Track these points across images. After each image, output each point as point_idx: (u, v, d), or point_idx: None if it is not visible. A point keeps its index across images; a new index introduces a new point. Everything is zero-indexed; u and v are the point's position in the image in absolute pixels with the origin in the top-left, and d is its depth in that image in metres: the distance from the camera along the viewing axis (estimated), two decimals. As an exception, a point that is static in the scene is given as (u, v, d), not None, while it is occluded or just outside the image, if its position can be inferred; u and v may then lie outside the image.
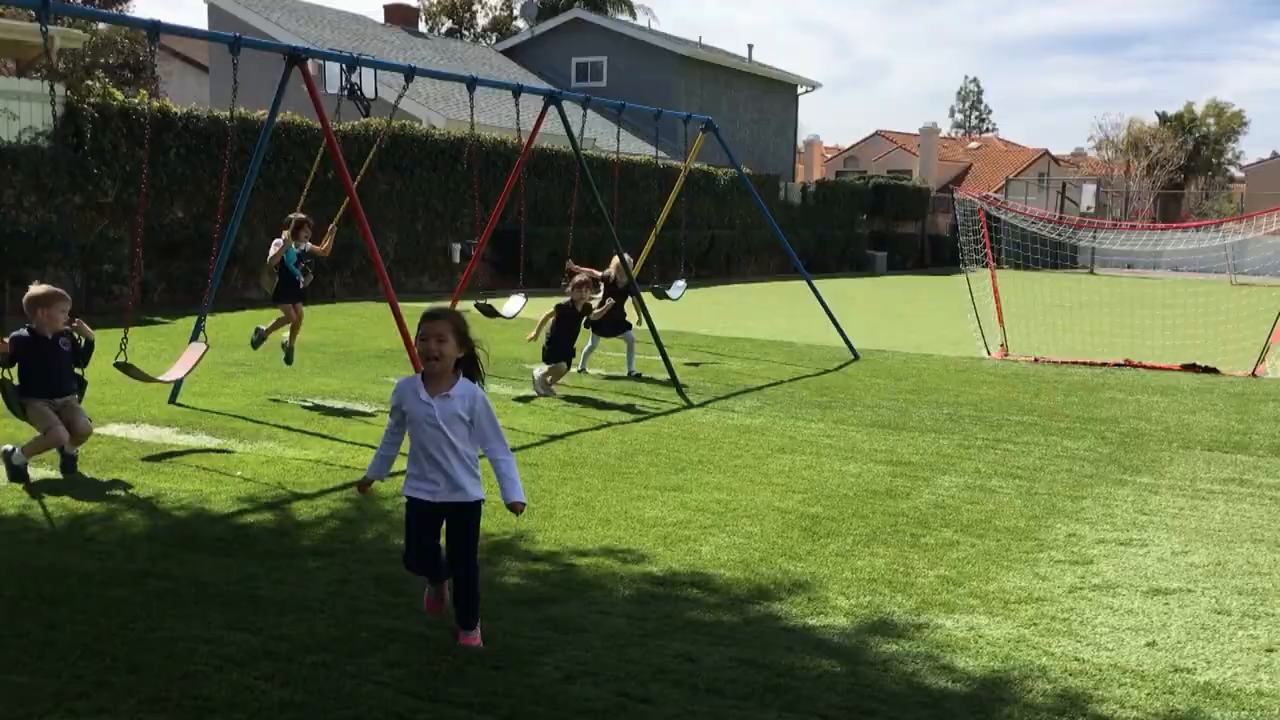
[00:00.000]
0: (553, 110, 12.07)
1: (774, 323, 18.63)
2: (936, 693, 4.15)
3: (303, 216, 10.52)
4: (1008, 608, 5.08)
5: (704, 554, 5.76)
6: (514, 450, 8.19)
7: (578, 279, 11.34)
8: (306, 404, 9.61)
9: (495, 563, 5.50)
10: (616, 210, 14.93)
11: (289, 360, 10.78)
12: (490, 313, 12.19)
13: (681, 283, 15.72)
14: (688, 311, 18.40)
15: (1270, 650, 4.65)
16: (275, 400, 9.73)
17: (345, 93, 13.40)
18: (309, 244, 10.55)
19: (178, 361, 8.68)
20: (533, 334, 11.14)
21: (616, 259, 12.21)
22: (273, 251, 10.27)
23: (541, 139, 18.14)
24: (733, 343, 15.51)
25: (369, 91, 23.78)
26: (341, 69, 11.75)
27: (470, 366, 4.44)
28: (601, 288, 12.10)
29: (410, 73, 10.25)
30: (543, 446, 8.29)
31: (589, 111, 12.98)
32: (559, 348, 10.89)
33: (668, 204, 16.06)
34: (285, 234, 10.23)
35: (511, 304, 12.42)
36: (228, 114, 18.26)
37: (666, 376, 11.43)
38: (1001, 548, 6.04)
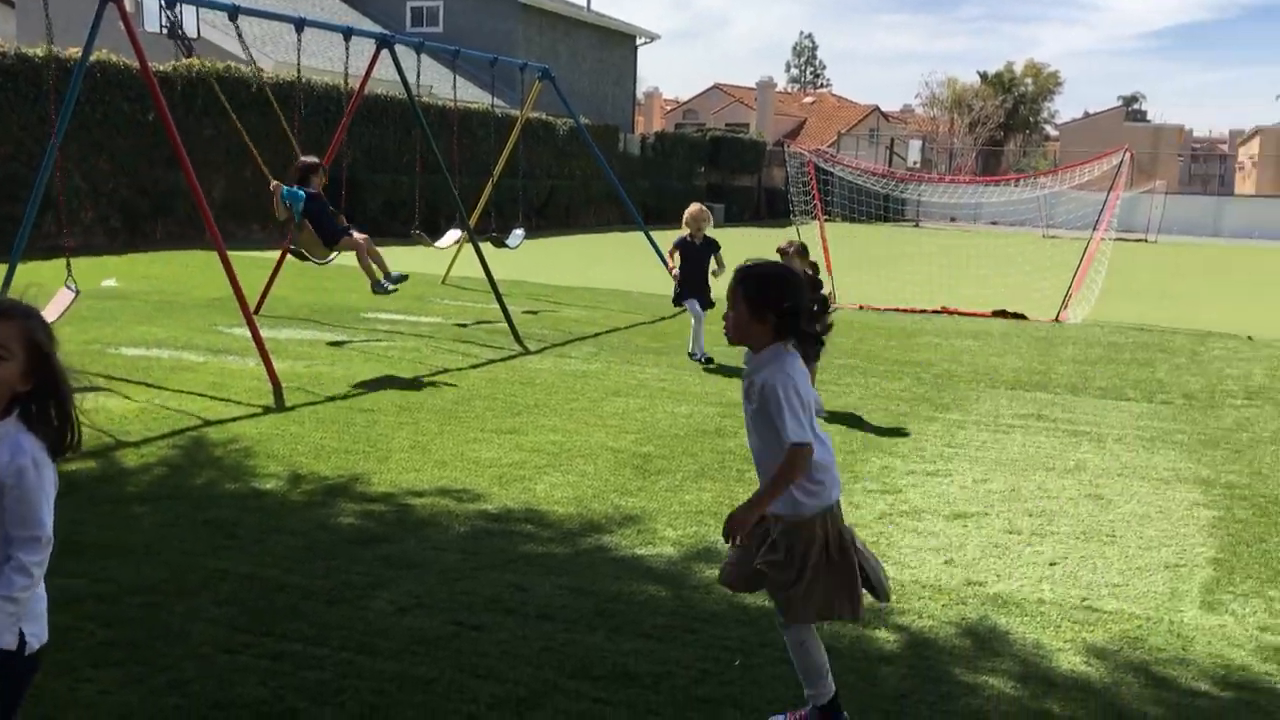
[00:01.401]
0: (386, 55, 11.88)
1: (612, 272, 18.84)
2: (754, 611, 4.42)
3: (313, 160, 10.40)
4: (823, 534, 5.40)
5: (538, 492, 5.91)
6: (349, 396, 8.24)
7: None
8: (130, 353, 9.33)
9: (330, 505, 5.54)
10: (456, 159, 14.78)
11: (385, 287, 10.57)
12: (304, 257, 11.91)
13: (520, 232, 15.72)
14: (527, 261, 18.43)
15: (1053, 564, 5.10)
16: (96, 348, 9.40)
17: (165, 31, 12.87)
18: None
19: (46, 308, 8.29)
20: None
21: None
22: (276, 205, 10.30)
23: (375, 85, 17.78)
24: (571, 292, 15.64)
25: (190, 30, 22.86)
26: (161, 6, 11.32)
27: (42, 403, 2.53)
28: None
29: (234, 11, 9.94)
30: (379, 391, 8.29)
31: (424, 58, 12.80)
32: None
33: (505, 153, 16.01)
34: (274, 183, 10.22)
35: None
36: (37, 51, 17.27)
37: (504, 323, 11.50)
38: (820, 480, 6.38)
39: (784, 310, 3.35)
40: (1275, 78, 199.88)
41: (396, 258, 11.60)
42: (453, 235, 13.68)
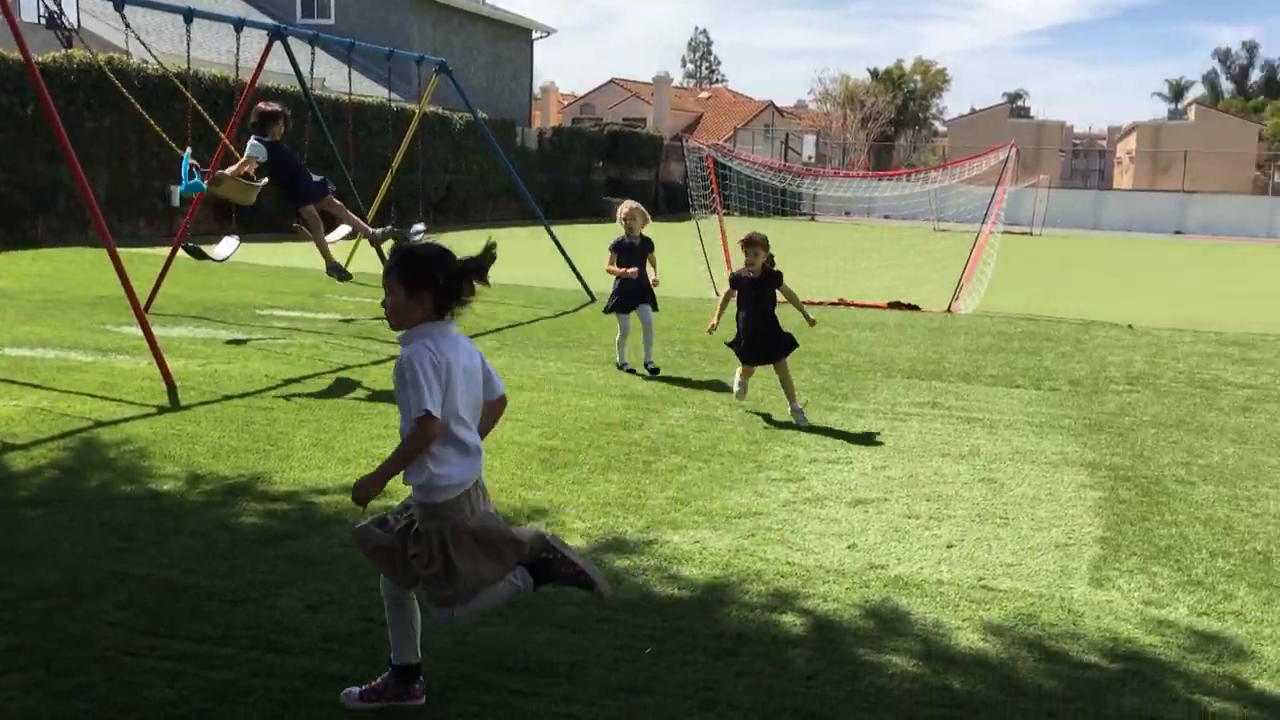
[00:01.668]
0: (278, 47, 11.65)
1: (513, 267, 18.75)
2: (665, 599, 4.48)
3: (274, 108, 10.09)
4: (729, 522, 5.50)
5: (445, 487, 5.88)
6: (247, 395, 8.08)
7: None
8: (12, 353, 9.00)
9: (231, 504, 5.44)
10: (351, 153, 14.57)
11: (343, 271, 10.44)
12: (199, 255, 11.61)
13: (420, 226, 15.49)
14: (425, 256, 18.23)
15: (950, 546, 5.27)
16: (-23, 351, 9.05)
17: (43, 21, 12.42)
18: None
19: None
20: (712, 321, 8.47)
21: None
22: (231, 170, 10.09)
23: (266, 77, 17.42)
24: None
25: (71, 20, 22.06)
26: (41, -6, 10.92)
27: None
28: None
29: (120, 1, 9.65)
30: (278, 389, 8.14)
31: (315, 50, 12.58)
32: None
33: (402, 147, 15.83)
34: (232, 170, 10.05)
35: (223, 246, 11.98)
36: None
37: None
38: (725, 470, 6.48)
39: (439, 287, 3.41)
40: (1150, 76, 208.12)
41: (285, 253, 11.38)
42: (341, 231, 13.24)
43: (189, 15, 10.48)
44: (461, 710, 3.51)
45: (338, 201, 10.15)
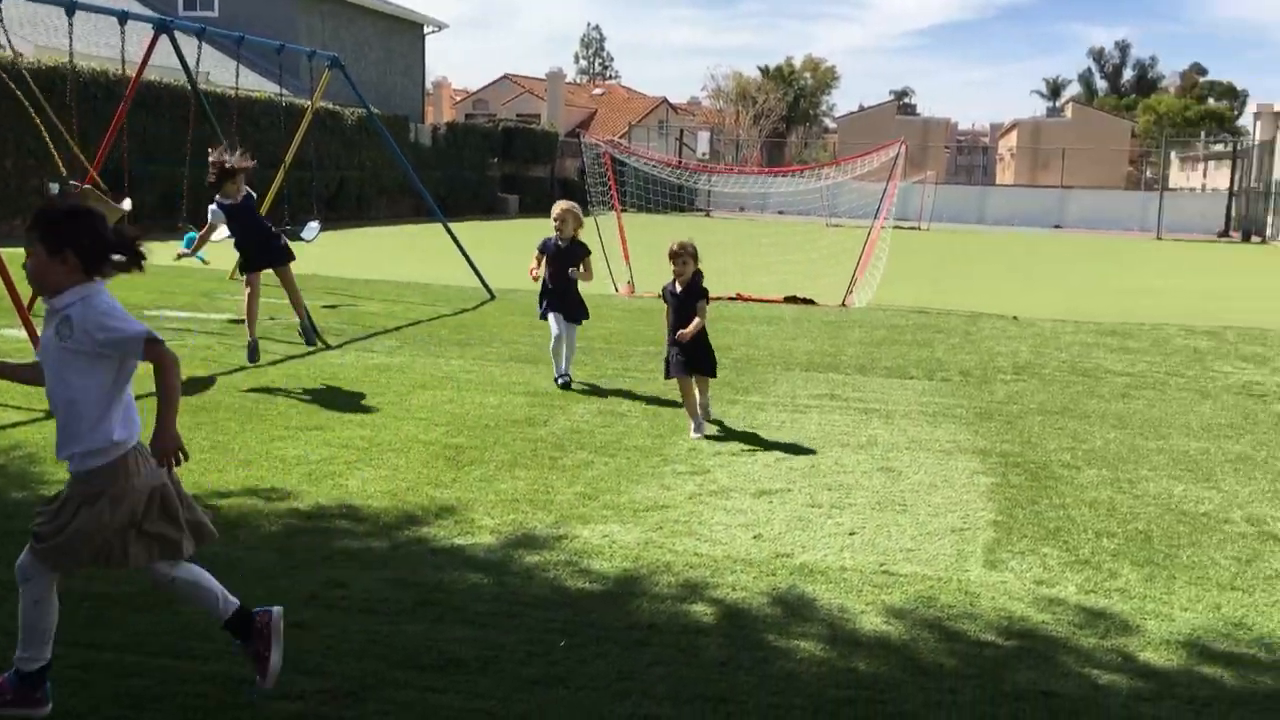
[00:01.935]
0: (163, 41, 11.35)
1: (410, 265, 18.58)
2: (576, 592, 4.52)
3: (238, 165, 8.97)
4: (637, 515, 5.57)
5: (350, 487, 5.84)
6: (139, 398, 7.82)
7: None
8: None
9: (129, 510, 5.31)
10: (239, 150, 14.25)
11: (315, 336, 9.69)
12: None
13: (315, 224, 15.30)
14: (321, 254, 17.94)
15: (852, 534, 5.41)
16: None
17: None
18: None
19: None
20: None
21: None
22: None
23: (146, 71, 16.93)
24: (369, 285, 15.36)
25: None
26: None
27: None
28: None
29: (-4, -9, 9.29)
30: (171, 393, 7.95)
31: (198, 43, 12.27)
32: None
33: (294, 144, 15.54)
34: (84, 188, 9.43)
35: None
36: None
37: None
38: (631, 464, 6.55)
39: (82, 245, 3.29)
40: (1029, 74, 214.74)
41: (173, 252, 11.11)
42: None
43: (71, 7, 10.15)
44: (375, 709, 3.51)
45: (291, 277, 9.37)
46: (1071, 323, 13.96)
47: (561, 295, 8.84)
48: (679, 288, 7.56)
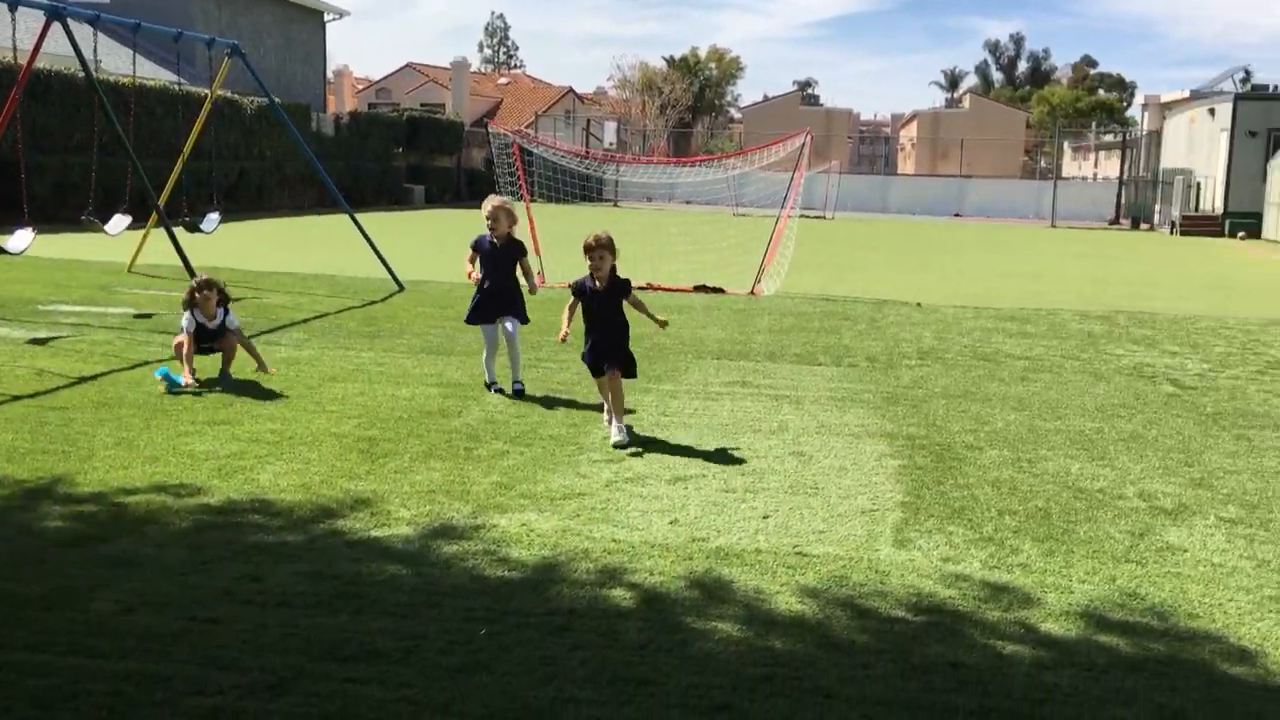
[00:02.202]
0: (56, 28, 11.01)
1: (315, 256, 18.30)
2: (496, 581, 4.54)
3: (212, 286, 8.18)
4: (554, 503, 5.60)
5: (262, 482, 5.77)
6: (38, 394, 7.64)
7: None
8: None
9: (32, 509, 5.19)
10: (134, 139, 13.88)
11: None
12: None
13: (215, 215, 14.99)
14: (222, 246, 17.58)
15: (766, 517, 5.52)
16: None
17: None
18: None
19: None
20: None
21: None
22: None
23: (39, 59, 16.37)
24: (273, 277, 15.09)
25: None
26: None
27: None
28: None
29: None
30: (73, 388, 7.75)
31: (91, 30, 11.93)
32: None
33: (193, 133, 15.19)
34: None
35: (16, 239, 11.29)
36: None
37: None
38: (547, 453, 6.57)
39: None
40: (927, 66, 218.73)
41: (70, 245, 10.80)
42: (123, 221, 12.67)
43: (-45, -9, 9.78)
44: (296, 703, 3.49)
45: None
46: (972, 309, 14.33)
47: (500, 295, 8.28)
48: (598, 284, 7.14)
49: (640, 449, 6.70)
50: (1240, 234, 33.72)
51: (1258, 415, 8.30)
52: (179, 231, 12.67)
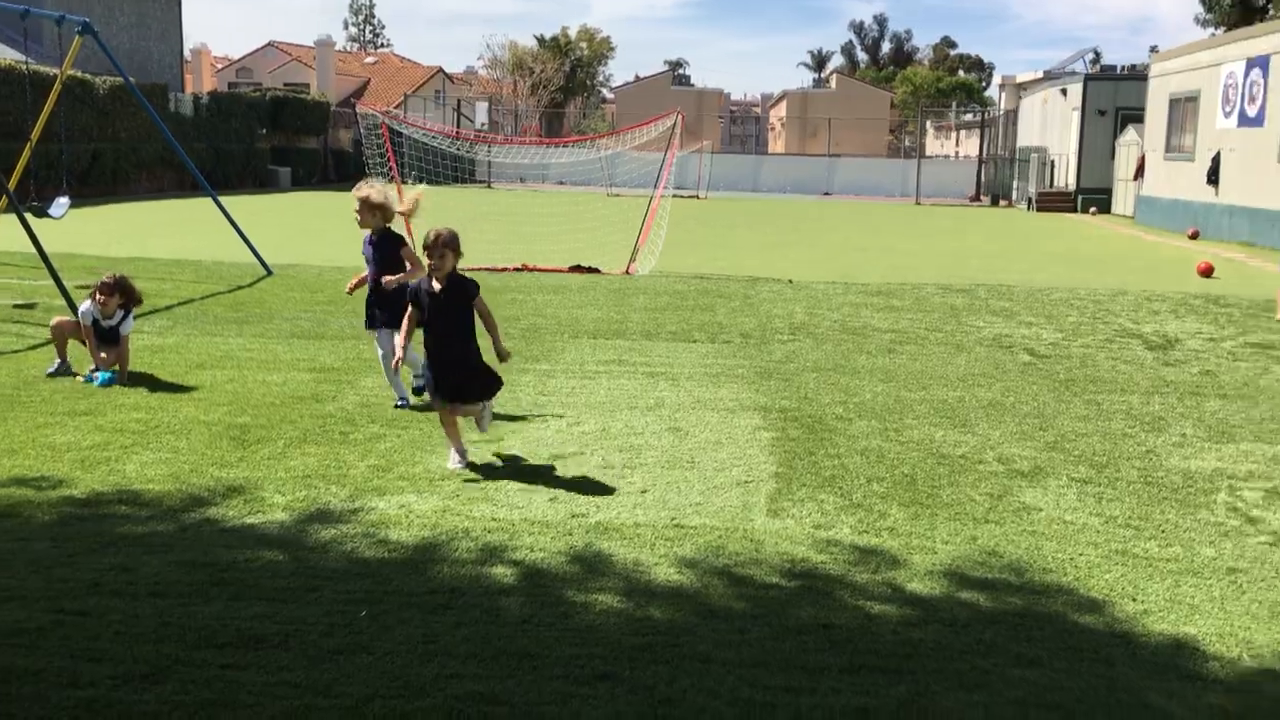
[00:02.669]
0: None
1: (177, 241, 17.73)
2: (375, 562, 4.53)
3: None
4: (433, 484, 5.60)
5: (128, 473, 5.62)
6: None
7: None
8: None
9: (-120, 507, 4.96)
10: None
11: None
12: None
13: (64, 200, 14.36)
14: (76, 232, 16.91)
15: (644, 491, 5.61)
16: None
17: None
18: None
19: None
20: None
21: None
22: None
23: None
24: (133, 263, 14.57)
25: None
26: None
27: None
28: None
29: None
30: (-81, 383, 7.40)
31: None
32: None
33: (43, 115, 14.53)
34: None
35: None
36: None
37: (61, 300, 10.55)
38: (424, 435, 6.55)
39: None
40: (795, 46, 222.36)
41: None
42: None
43: None
44: (173, 691, 3.44)
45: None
46: (842, 284, 14.70)
47: (384, 302, 7.15)
48: (437, 286, 5.96)
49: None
50: (1092, 209, 35.22)
51: (1106, 381, 8.74)
52: (29, 216, 12.13)
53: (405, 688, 3.50)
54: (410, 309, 6.07)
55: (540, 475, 5.83)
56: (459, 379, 5.93)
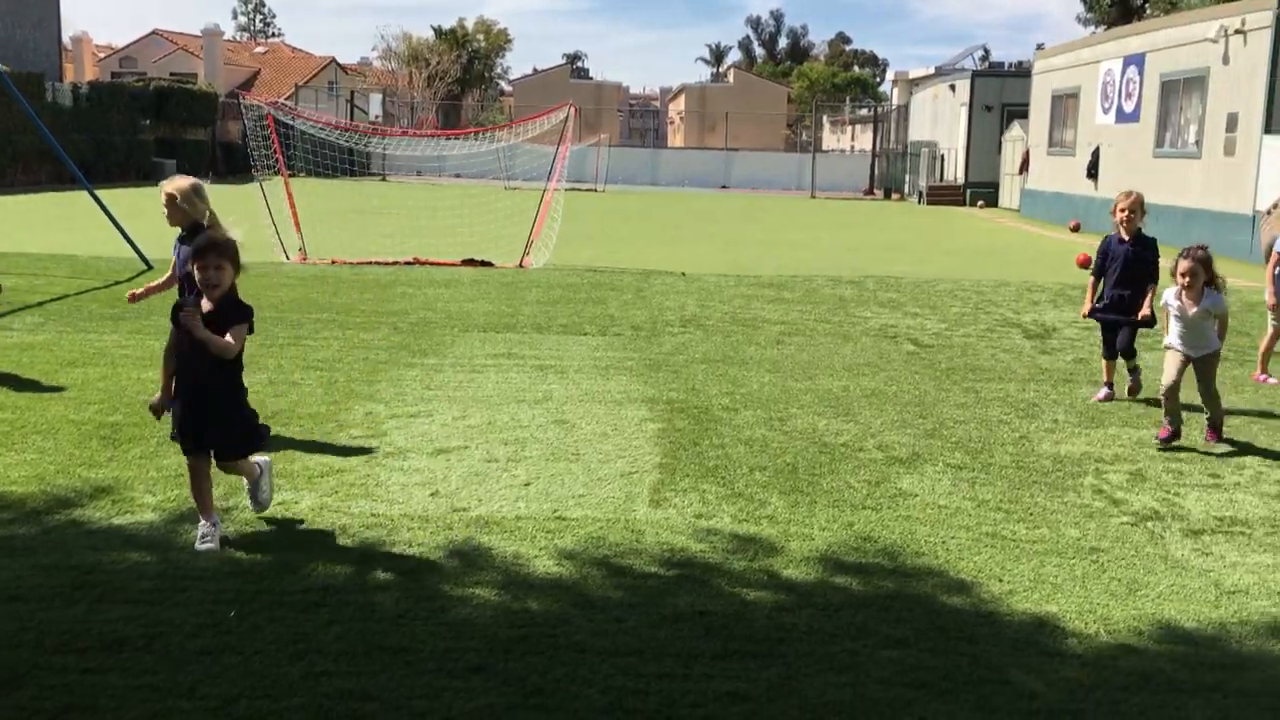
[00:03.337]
0: None
1: (53, 235, 17.12)
2: (248, 563, 4.45)
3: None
4: (311, 482, 5.51)
5: (-10, 474, 5.42)
6: None
7: None
8: None
9: None
10: None
11: None
12: None
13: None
14: (-56, 226, 16.20)
15: (527, 485, 5.60)
16: None
17: None
18: None
19: None
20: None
21: None
22: None
23: None
24: (4, 259, 14.04)
25: None
26: None
27: None
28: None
29: None
30: None
31: None
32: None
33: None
34: None
35: None
36: None
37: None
38: (305, 432, 6.44)
39: None
40: (693, 40, 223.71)
41: None
42: None
43: None
44: (30, 697, 3.34)
45: None
46: (734, 277, 14.83)
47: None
48: (207, 305, 4.69)
49: (401, 411, 6.61)
50: (979, 202, 36.12)
51: (985, 369, 8.99)
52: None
53: (273, 687, 3.45)
54: (172, 330, 4.76)
55: (422, 470, 5.78)
56: (202, 425, 4.67)
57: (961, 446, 6.60)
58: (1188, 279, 6.62)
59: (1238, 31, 20.19)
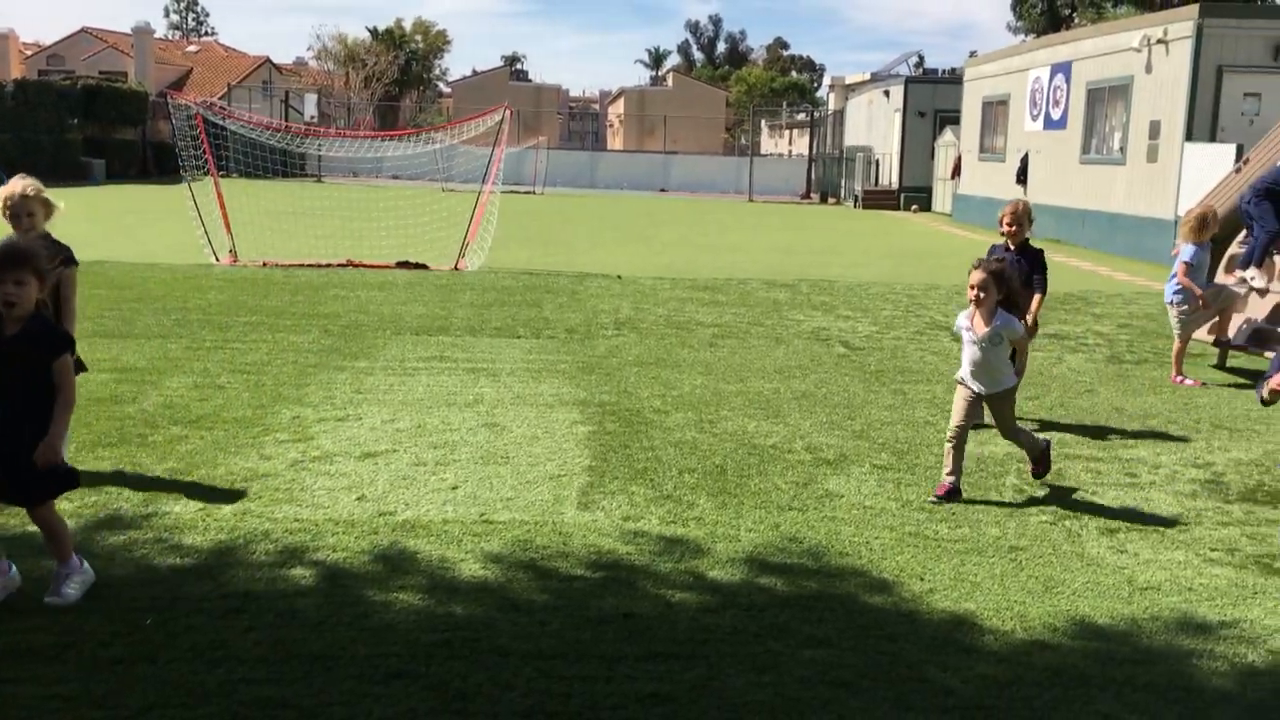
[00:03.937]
0: None
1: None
2: (166, 569, 4.38)
3: None
4: (234, 487, 5.43)
5: (-100, 482, 5.26)
6: None
7: None
8: None
9: None
10: None
11: None
12: None
13: None
14: None
15: (455, 488, 5.58)
16: None
17: None
18: None
19: None
20: None
21: None
22: None
23: None
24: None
25: None
26: None
27: None
28: None
29: None
30: None
31: None
32: None
33: None
34: None
35: None
36: None
37: None
38: (229, 436, 6.35)
39: None
40: (633, 44, 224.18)
41: None
42: None
43: None
44: (-66, 712, 3.26)
45: None
46: (670, 279, 14.88)
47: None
48: (9, 329, 3.98)
49: (329, 414, 6.56)
50: (913, 207, 36.59)
51: (914, 371, 9.11)
52: None
53: (188, 695, 3.40)
54: None
55: (349, 474, 5.73)
56: (11, 469, 4.00)
57: (888, 448, 6.68)
58: (978, 293, 5.69)
59: (1160, 41, 20.67)
